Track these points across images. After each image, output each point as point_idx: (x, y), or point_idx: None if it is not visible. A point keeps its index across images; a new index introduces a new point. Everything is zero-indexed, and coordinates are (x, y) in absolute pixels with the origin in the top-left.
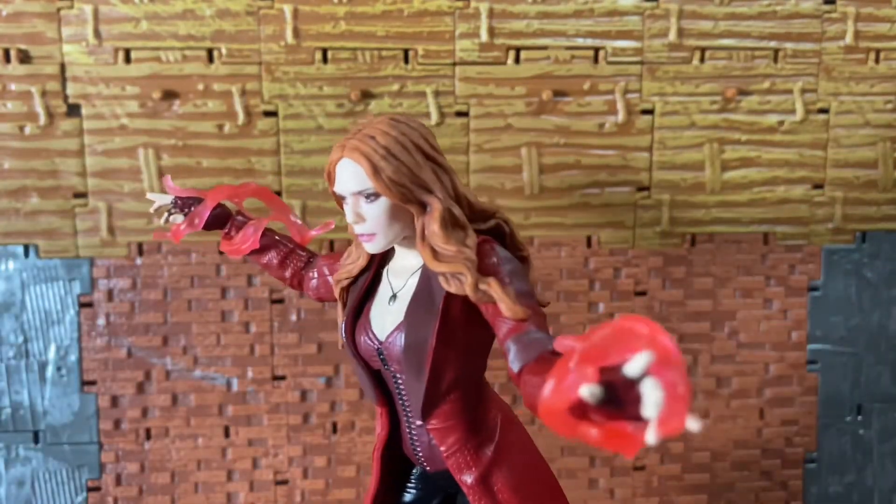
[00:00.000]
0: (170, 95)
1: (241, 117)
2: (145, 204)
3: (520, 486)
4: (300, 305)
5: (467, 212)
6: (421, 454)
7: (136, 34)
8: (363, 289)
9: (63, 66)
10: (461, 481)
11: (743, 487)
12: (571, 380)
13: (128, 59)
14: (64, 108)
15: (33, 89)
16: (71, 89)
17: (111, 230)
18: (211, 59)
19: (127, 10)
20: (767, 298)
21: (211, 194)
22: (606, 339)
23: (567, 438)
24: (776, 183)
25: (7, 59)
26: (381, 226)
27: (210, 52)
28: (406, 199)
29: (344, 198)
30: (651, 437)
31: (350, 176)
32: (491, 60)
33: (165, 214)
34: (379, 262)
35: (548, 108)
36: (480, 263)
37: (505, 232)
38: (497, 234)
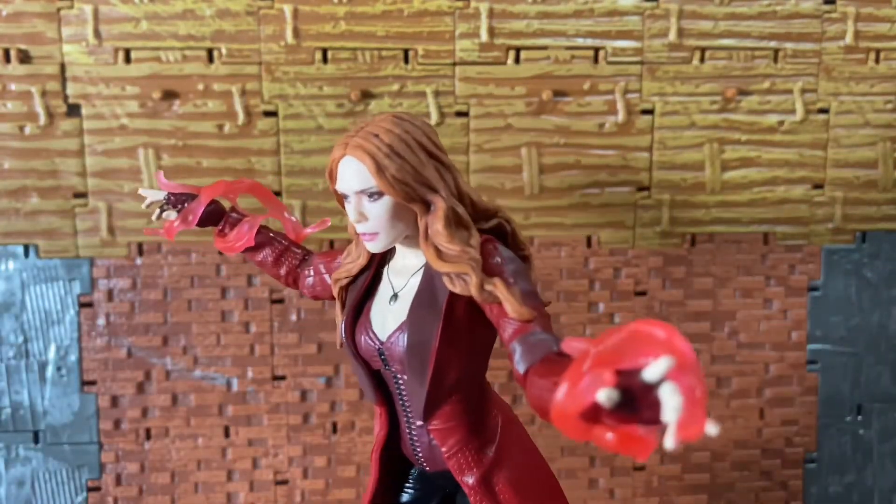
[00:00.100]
0: (170, 95)
1: (241, 117)
2: None
3: (521, 487)
4: (300, 305)
5: (470, 211)
6: (420, 454)
7: (136, 34)
8: (363, 288)
9: (63, 66)
10: (462, 482)
11: (743, 487)
12: (587, 383)
13: (128, 59)
14: (64, 108)
15: (33, 89)
16: (71, 89)
17: (111, 230)
18: (211, 59)
19: (127, 10)
20: (767, 298)
21: (205, 191)
22: (622, 342)
23: (573, 440)
24: (776, 183)
25: (7, 59)
26: (383, 225)
27: (210, 52)
28: (409, 198)
29: (346, 196)
30: (670, 442)
31: (353, 174)
32: (491, 60)
33: (157, 211)
34: (379, 261)
35: (548, 108)
36: (484, 263)
37: (507, 231)
38: (499, 234)
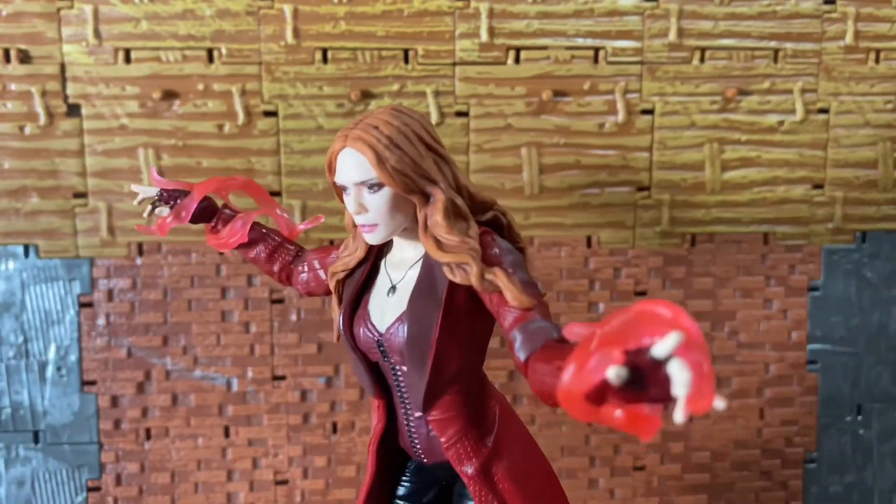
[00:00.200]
0: (170, 95)
1: (241, 117)
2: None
3: (519, 476)
4: (300, 305)
5: (468, 203)
6: (419, 446)
7: (136, 34)
8: (361, 281)
9: (63, 66)
10: (462, 472)
11: (743, 487)
12: (595, 362)
13: (128, 59)
14: (64, 108)
15: (33, 89)
16: (71, 89)
17: (111, 230)
18: (211, 59)
19: (127, 10)
20: (767, 298)
21: (198, 187)
22: (628, 322)
23: (580, 421)
24: (776, 183)
25: (7, 59)
26: (383, 216)
27: (210, 52)
28: (409, 190)
29: (345, 188)
30: (679, 415)
31: (353, 166)
32: (491, 60)
33: (149, 207)
34: (376, 254)
35: (548, 108)
36: (483, 254)
37: (502, 224)
38: (495, 226)
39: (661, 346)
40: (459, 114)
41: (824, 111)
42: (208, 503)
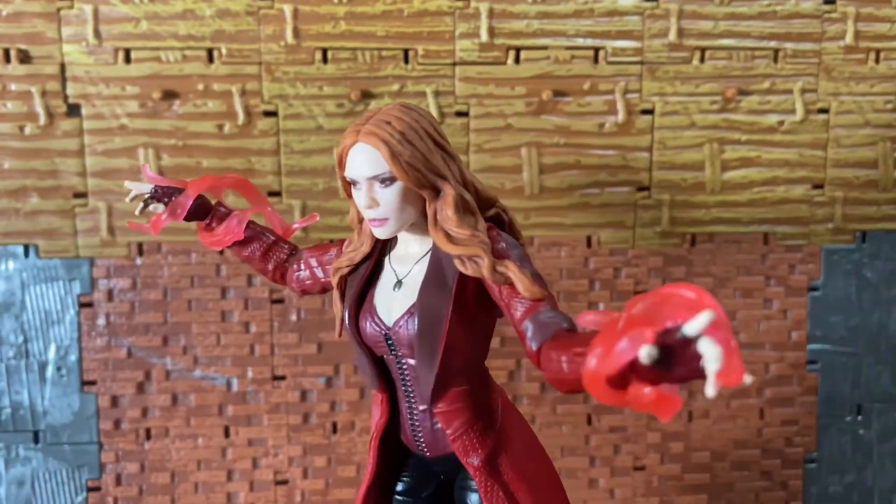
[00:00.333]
0: (170, 95)
1: (241, 117)
2: None
3: (522, 467)
4: (300, 305)
5: (475, 198)
6: (422, 440)
7: (136, 34)
8: (365, 276)
9: (63, 66)
10: (468, 464)
11: (743, 487)
12: (626, 343)
13: (128, 59)
14: (64, 108)
15: (33, 89)
16: (71, 89)
17: (111, 230)
18: (211, 59)
19: (127, 10)
20: (767, 298)
21: (192, 185)
22: (654, 305)
23: (605, 404)
24: (776, 183)
25: (7, 59)
26: (394, 210)
27: (210, 52)
28: (420, 184)
29: (356, 183)
30: (711, 389)
31: (366, 160)
32: (491, 60)
33: (141, 204)
34: (380, 249)
35: (548, 108)
36: (491, 247)
37: (504, 221)
38: (497, 223)
39: (693, 325)
40: (459, 114)
41: (824, 111)
42: (208, 503)
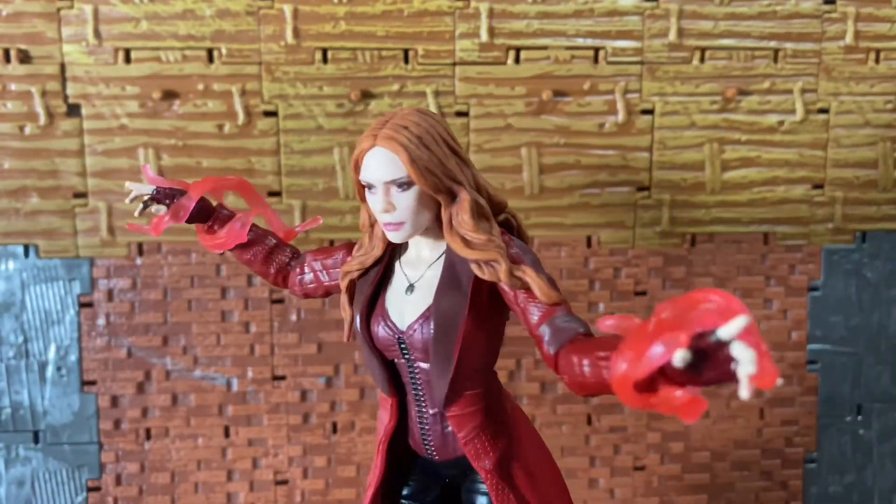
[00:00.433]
0: (170, 95)
1: (241, 117)
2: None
3: (532, 470)
4: (300, 305)
5: (487, 203)
6: (431, 443)
7: (136, 34)
8: (376, 280)
9: (63, 66)
10: (479, 467)
11: (743, 487)
12: (660, 347)
13: (128, 59)
14: (64, 108)
15: (33, 89)
16: (71, 89)
17: (111, 230)
18: (211, 59)
19: (127, 10)
20: (767, 298)
21: (194, 187)
22: (683, 310)
23: (633, 407)
24: (776, 183)
25: (7, 59)
26: (410, 214)
27: (210, 52)
28: (437, 189)
29: (372, 187)
30: (745, 392)
31: (383, 164)
32: (491, 60)
33: (141, 205)
34: (390, 253)
35: (548, 108)
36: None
37: (513, 226)
38: (506, 228)
39: (728, 329)
40: (459, 114)
41: (824, 111)
42: (208, 503)
